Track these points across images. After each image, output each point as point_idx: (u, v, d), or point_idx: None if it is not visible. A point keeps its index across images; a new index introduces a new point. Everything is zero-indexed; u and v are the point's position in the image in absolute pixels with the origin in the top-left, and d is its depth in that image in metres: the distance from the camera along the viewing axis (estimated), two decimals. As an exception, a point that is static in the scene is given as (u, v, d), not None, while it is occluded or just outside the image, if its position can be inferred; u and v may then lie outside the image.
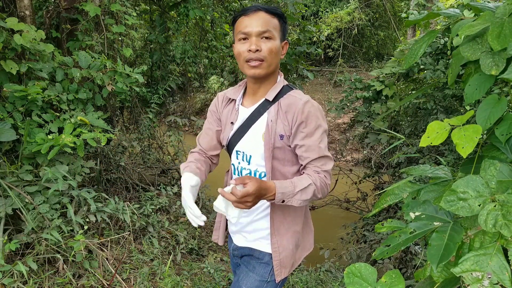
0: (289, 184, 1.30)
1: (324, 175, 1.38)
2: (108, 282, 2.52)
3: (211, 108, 1.61)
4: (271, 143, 1.40)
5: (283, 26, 1.41)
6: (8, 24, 2.38)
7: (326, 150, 1.40)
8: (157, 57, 4.79)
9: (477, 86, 1.13)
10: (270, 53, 1.36)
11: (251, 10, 1.37)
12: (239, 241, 1.60)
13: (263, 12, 1.36)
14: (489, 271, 0.86)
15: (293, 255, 1.52)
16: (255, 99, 1.47)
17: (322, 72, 13.96)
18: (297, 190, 1.30)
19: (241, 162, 1.51)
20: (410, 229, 1.05)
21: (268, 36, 1.35)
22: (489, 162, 0.95)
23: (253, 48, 1.34)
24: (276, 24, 1.38)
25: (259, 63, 1.36)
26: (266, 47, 1.35)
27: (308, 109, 1.36)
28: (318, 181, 1.35)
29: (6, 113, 2.45)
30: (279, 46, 1.39)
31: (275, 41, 1.37)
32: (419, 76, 4.19)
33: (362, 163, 6.52)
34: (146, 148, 4.87)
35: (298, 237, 1.54)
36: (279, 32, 1.39)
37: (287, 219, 1.49)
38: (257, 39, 1.35)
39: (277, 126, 1.39)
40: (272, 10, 1.38)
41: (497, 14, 1.06)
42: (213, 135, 1.59)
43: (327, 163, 1.40)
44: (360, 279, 0.94)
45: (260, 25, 1.34)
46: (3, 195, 2.32)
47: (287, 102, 1.40)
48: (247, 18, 1.36)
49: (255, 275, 1.52)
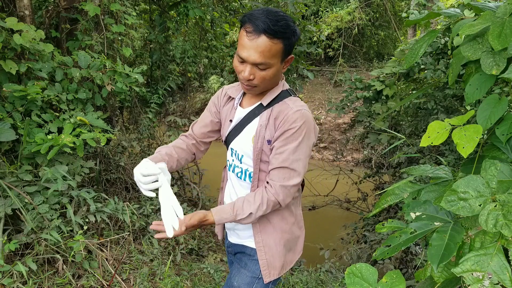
0: (229, 212, 1.38)
1: (276, 192, 1.36)
2: (108, 283, 2.52)
3: (213, 98, 1.63)
4: (258, 147, 1.41)
5: (288, 45, 1.30)
6: (8, 24, 2.38)
7: (295, 164, 1.35)
8: (157, 57, 4.79)
9: (478, 86, 1.13)
10: (263, 81, 1.33)
11: (254, 31, 1.24)
12: (232, 238, 1.63)
13: (266, 37, 1.23)
14: (489, 271, 0.86)
15: (282, 256, 1.52)
16: (253, 101, 1.48)
17: (322, 72, 13.96)
18: (238, 219, 1.38)
19: (234, 160, 1.54)
20: (410, 229, 1.05)
21: (264, 68, 1.29)
22: (490, 162, 0.95)
23: (245, 76, 1.30)
24: (278, 50, 1.27)
25: (251, 88, 1.36)
26: (260, 75, 1.31)
27: (295, 118, 1.32)
28: (265, 204, 1.36)
29: (6, 113, 2.44)
30: (277, 70, 1.33)
31: (272, 68, 1.30)
32: (419, 76, 4.19)
33: (362, 163, 6.52)
34: (146, 148, 4.87)
35: (288, 238, 1.53)
36: (280, 57, 1.30)
37: (274, 219, 1.50)
38: (252, 66, 1.29)
39: (266, 132, 1.40)
40: (275, 34, 1.23)
41: (497, 13, 1.06)
42: (208, 124, 1.61)
43: (290, 178, 1.36)
44: (361, 279, 0.94)
45: (257, 56, 1.25)
46: (3, 195, 2.32)
47: (279, 109, 1.39)
48: (247, 40, 1.25)
49: (246, 272, 1.53)
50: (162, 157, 1.48)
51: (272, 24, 1.23)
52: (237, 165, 1.53)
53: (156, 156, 1.47)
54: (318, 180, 5.96)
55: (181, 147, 1.59)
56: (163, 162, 1.44)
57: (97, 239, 2.80)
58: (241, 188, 1.54)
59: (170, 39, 4.97)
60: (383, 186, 4.78)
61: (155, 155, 1.48)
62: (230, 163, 1.58)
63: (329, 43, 13.21)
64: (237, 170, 1.53)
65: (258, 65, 1.28)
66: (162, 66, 4.91)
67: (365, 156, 6.18)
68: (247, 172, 1.49)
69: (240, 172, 1.52)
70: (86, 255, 2.62)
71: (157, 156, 1.47)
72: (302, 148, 1.35)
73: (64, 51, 3.36)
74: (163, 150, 1.53)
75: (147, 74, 4.91)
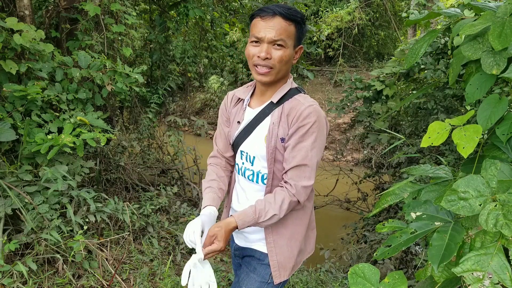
0: (252, 215, 1.34)
1: (296, 192, 1.35)
2: (108, 283, 2.52)
3: (221, 108, 1.62)
4: (272, 145, 1.39)
5: (300, 32, 1.35)
6: (8, 24, 2.38)
7: (314, 160, 1.35)
8: (157, 57, 4.79)
9: (478, 85, 1.13)
10: (280, 61, 1.33)
11: (268, 13, 1.31)
12: (240, 242, 1.60)
13: (281, 18, 1.30)
14: (490, 270, 0.86)
15: (293, 257, 1.50)
16: (262, 101, 1.47)
17: (322, 72, 13.95)
18: (260, 221, 1.34)
19: (245, 162, 1.51)
20: (411, 229, 1.05)
21: (280, 44, 1.31)
22: (490, 161, 0.95)
23: (262, 55, 1.31)
24: (292, 32, 1.33)
25: (267, 71, 1.35)
26: (277, 55, 1.32)
27: (307, 113, 1.33)
28: (286, 204, 1.34)
29: (6, 113, 2.44)
30: (291, 54, 1.35)
31: (288, 49, 1.33)
32: (419, 76, 4.19)
33: (362, 163, 6.51)
34: (145, 148, 4.87)
35: (300, 239, 1.51)
36: (294, 40, 1.34)
37: (287, 220, 1.48)
38: (268, 46, 1.31)
39: (279, 129, 1.39)
40: (290, 16, 1.31)
41: (498, 13, 1.06)
42: (226, 136, 1.60)
43: (310, 177, 1.35)
44: (363, 279, 0.94)
45: (274, 33, 1.29)
46: (3, 195, 2.32)
47: (290, 105, 1.38)
48: (262, 22, 1.31)
49: (255, 276, 1.51)
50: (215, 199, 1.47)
51: (284, 9, 1.31)
52: (248, 168, 1.50)
53: (213, 197, 1.47)
54: (318, 180, 5.94)
55: (222, 173, 1.58)
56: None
57: (97, 239, 2.80)
58: (253, 191, 1.51)
59: (170, 39, 4.97)
60: (383, 186, 4.79)
61: (210, 195, 1.47)
62: (239, 167, 1.54)
63: (329, 43, 13.20)
64: (248, 173, 1.50)
65: (275, 42, 1.32)
66: (162, 66, 4.91)
67: (365, 156, 6.18)
68: (260, 174, 1.47)
69: (252, 175, 1.49)
70: (86, 255, 2.62)
71: (214, 198, 1.47)
72: (318, 144, 1.35)
73: (64, 51, 3.36)
74: (214, 186, 1.51)
75: (147, 74, 4.91)
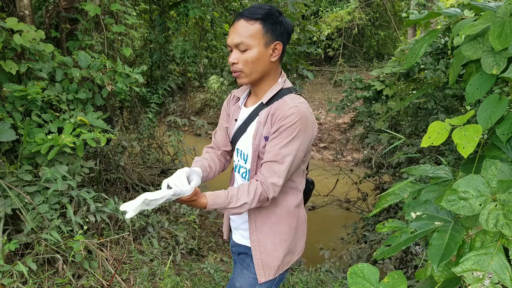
0: (223, 198, 1.32)
1: (266, 187, 1.34)
2: (108, 283, 2.52)
3: (223, 105, 1.67)
4: (256, 143, 1.42)
5: (269, 27, 1.33)
6: (8, 24, 2.38)
7: (284, 159, 1.33)
8: (157, 57, 4.79)
9: (478, 85, 1.13)
10: (245, 64, 1.35)
11: (235, 18, 1.36)
12: (237, 238, 1.62)
13: (242, 20, 1.33)
14: (490, 270, 0.86)
15: (278, 257, 1.49)
16: (256, 101, 1.50)
17: (322, 72, 13.96)
18: (230, 206, 1.32)
19: (240, 160, 1.54)
20: (411, 229, 1.05)
21: (243, 48, 1.34)
22: (490, 161, 0.95)
23: (230, 61, 1.38)
24: (256, 31, 1.32)
25: (238, 74, 1.39)
26: (242, 58, 1.35)
27: (290, 114, 1.32)
28: (258, 197, 1.33)
29: (6, 113, 2.44)
30: (259, 53, 1.34)
31: (253, 49, 1.33)
32: (419, 76, 4.19)
33: (362, 163, 6.52)
34: (145, 148, 4.87)
35: (289, 240, 1.50)
36: (262, 38, 1.33)
37: (271, 218, 1.48)
38: (235, 50, 1.36)
39: (264, 129, 1.41)
40: (252, 15, 1.32)
41: (498, 13, 1.06)
42: (225, 131, 1.63)
43: (279, 175, 1.33)
44: (363, 279, 0.94)
45: (236, 37, 1.33)
46: (3, 195, 2.32)
47: (276, 106, 1.40)
48: (231, 28, 1.36)
49: (249, 273, 1.52)
50: (203, 167, 1.50)
51: (251, 9, 1.34)
52: (242, 166, 1.53)
53: (203, 162, 1.52)
54: (318, 180, 5.95)
55: (215, 158, 1.61)
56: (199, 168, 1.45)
57: (97, 239, 2.80)
58: None
59: (170, 39, 4.97)
60: (383, 186, 4.78)
61: (199, 163, 1.51)
62: (236, 164, 1.58)
63: (329, 43, 13.21)
64: (242, 171, 1.54)
65: (238, 47, 1.34)
66: (162, 66, 4.91)
67: (365, 156, 6.17)
68: (252, 173, 1.49)
69: (245, 173, 1.52)
70: (86, 255, 2.61)
71: (203, 163, 1.52)
72: (296, 144, 1.34)
73: (64, 51, 3.36)
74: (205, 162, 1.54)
75: (147, 74, 4.91)
